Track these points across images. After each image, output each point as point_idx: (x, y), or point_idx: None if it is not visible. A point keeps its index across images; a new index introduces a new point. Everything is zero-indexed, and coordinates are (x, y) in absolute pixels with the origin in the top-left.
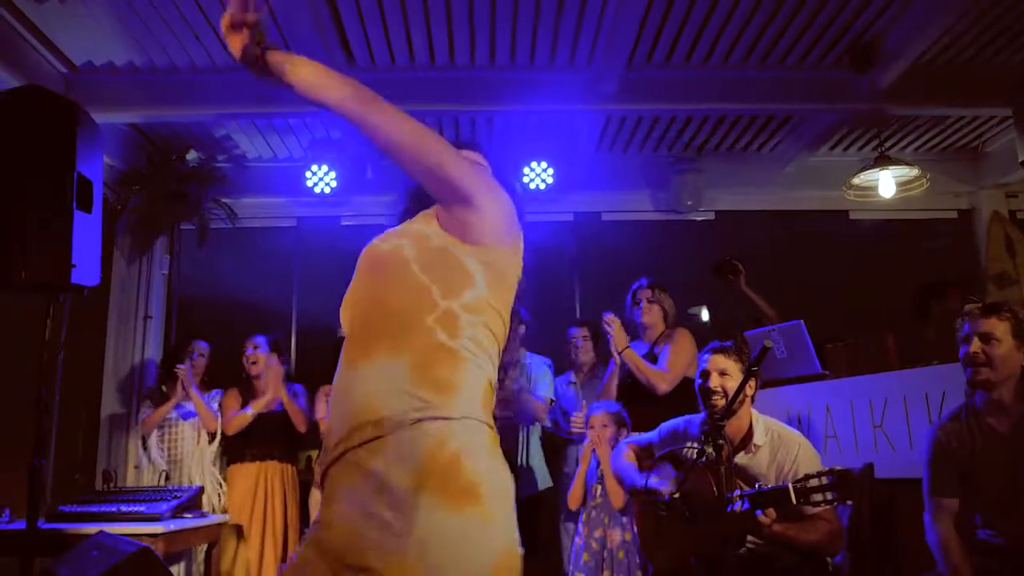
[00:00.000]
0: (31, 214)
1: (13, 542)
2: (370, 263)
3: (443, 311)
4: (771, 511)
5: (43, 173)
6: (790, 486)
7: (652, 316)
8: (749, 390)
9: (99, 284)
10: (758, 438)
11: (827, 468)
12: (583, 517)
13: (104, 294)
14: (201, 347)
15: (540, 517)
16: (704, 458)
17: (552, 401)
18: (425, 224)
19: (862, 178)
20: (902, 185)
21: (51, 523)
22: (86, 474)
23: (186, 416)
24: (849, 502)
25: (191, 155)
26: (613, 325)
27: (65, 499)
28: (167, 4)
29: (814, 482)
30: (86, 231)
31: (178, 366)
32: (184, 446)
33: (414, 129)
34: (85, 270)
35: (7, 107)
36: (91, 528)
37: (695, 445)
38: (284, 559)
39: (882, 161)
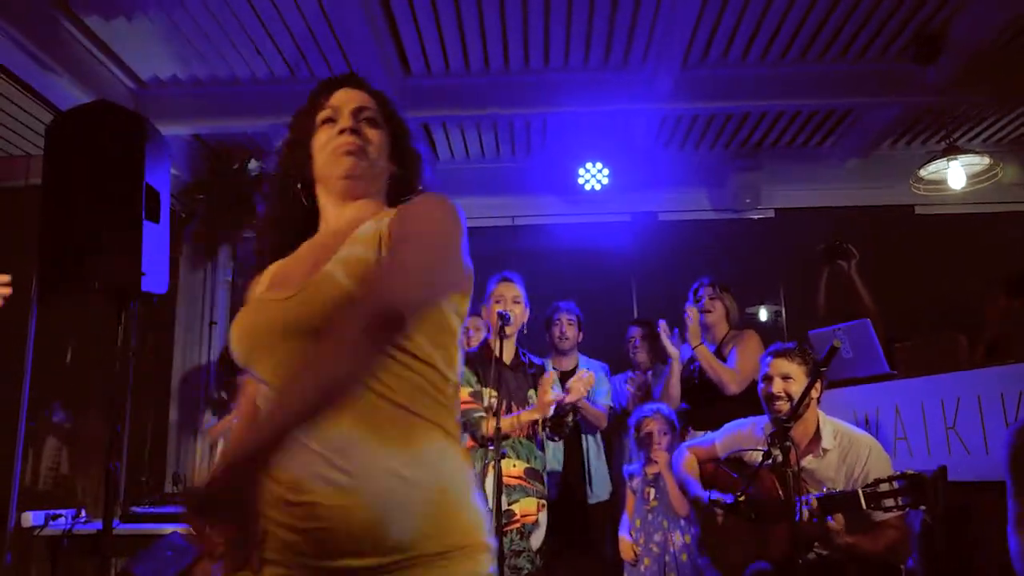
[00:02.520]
0: (103, 224)
1: (90, 542)
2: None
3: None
4: (840, 517)
5: (114, 185)
6: (860, 491)
7: (715, 314)
8: (815, 392)
9: (167, 291)
10: (826, 442)
11: (898, 472)
12: (635, 523)
13: (171, 301)
14: None
15: (607, 520)
16: (770, 461)
17: (611, 408)
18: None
19: (930, 170)
20: (973, 176)
21: (125, 524)
22: (155, 476)
23: None
24: (921, 507)
25: (252, 164)
26: (692, 319)
27: (137, 500)
28: (229, 19)
29: (885, 487)
30: (155, 240)
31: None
32: None
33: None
34: (154, 278)
35: (80, 122)
36: (164, 528)
37: (760, 448)
38: None
39: (951, 151)
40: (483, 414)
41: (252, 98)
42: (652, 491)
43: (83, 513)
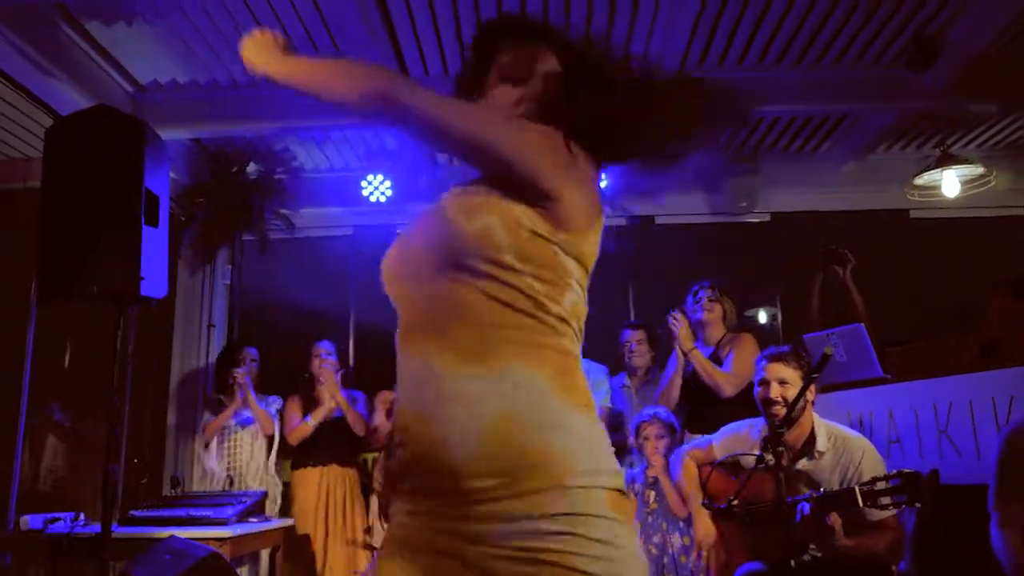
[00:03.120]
0: (103, 229)
1: (88, 545)
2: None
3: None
4: (837, 517)
5: (114, 189)
6: (856, 488)
7: (713, 315)
8: (810, 395)
9: (166, 295)
10: (821, 444)
11: (894, 471)
12: (635, 525)
13: (169, 304)
14: (252, 353)
15: None
16: (764, 464)
17: (609, 409)
18: (506, 195)
19: (925, 178)
20: (967, 184)
21: (123, 527)
22: (153, 479)
23: (244, 423)
24: (917, 505)
25: (251, 168)
26: (680, 323)
27: (135, 504)
28: (227, 23)
29: (881, 485)
30: (154, 244)
31: (236, 370)
32: (243, 454)
33: (466, 116)
34: (153, 282)
35: (79, 127)
36: (162, 532)
37: (755, 452)
38: (349, 563)
39: (945, 160)
40: None
41: (251, 102)
42: (652, 494)
43: (81, 516)
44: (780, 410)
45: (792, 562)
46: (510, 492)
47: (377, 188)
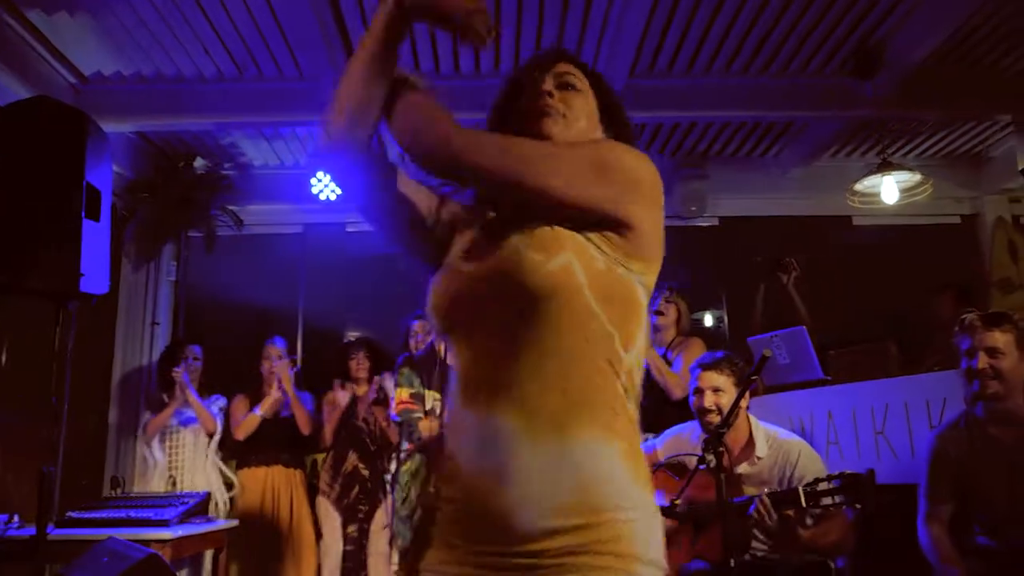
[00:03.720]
0: (41, 223)
1: (23, 548)
2: (528, 287)
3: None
4: (791, 512)
5: (53, 183)
6: (800, 489)
7: (667, 318)
8: (743, 402)
9: (107, 291)
10: (760, 450)
11: (836, 473)
12: None
13: (112, 301)
14: (195, 352)
15: None
16: (705, 465)
17: None
18: (575, 223)
19: (865, 184)
20: (905, 191)
21: (61, 529)
22: (94, 480)
23: (186, 423)
24: (857, 505)
25: (198, 162)
26: None
27: (74, 505)
28: (175, 15)
29: (823, 486)
30: (95, 239)
31: (174, 369)
32: (185, 452)
33: (518, 157)
34: (94, 278)
35: (18, 118)
36: (100, 534)
37: (696, 453)
38: (295, 564)
39: (885, 167)
40: (421, 415)
41: (199, 96)
42: None
43: (16, 518)
44: (714, 418)
45: (732, 562)
46: (587, 561)
47: (327, 186)
